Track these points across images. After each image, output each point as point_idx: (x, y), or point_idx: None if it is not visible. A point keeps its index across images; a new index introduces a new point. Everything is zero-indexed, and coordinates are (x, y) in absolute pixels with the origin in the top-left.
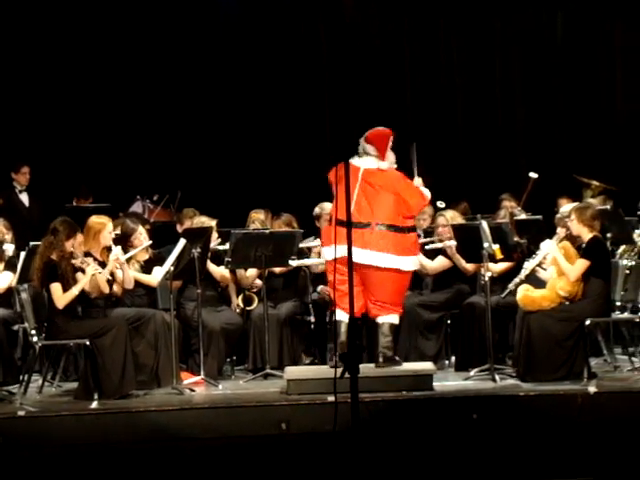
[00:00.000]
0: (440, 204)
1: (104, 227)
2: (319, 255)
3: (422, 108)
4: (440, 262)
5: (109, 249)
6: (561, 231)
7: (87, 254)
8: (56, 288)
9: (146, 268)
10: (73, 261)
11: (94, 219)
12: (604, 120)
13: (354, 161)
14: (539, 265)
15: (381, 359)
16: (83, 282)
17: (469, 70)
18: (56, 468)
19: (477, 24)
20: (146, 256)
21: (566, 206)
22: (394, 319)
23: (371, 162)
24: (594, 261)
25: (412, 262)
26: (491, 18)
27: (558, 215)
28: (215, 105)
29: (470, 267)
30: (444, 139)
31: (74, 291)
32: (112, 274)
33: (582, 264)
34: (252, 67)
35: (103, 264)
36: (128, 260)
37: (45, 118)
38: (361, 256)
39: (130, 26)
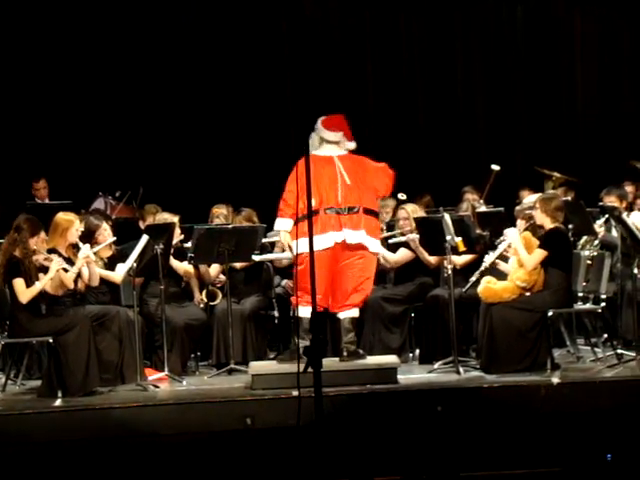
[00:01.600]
0: (401, 196)
1: (72, 224)
2: (283, 250)
3: (383, 101)
4: (402, 255)
5: (75, 246)
6: (520, 223)
7: (52, 251)
8: (19, 283)
9: (109, 265)
10: (35, 257)
11: (62, 216)
12: (565, 112)
13: (319, 152)
14: (501, 257)
15: (345, 353)
16: (47, 277)
17: (430, 63)
18: (20, 466)
19: (437, 17)
20: (109, 253)
21: (528, 197)
22: (355, 313)
23: (337, 149)
24: (553, 251)
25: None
26: (451, 11)
27: (518, 207)
28: (176, 101)
29: (433, 260)
30: (406, 132)
31: (37, 286)
32: (78, 270)
33: (539, 254)
34: (213, 62)
35: (69, 260)
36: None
37: (3, 116)
38: (356, 237)
39: (87, 23)
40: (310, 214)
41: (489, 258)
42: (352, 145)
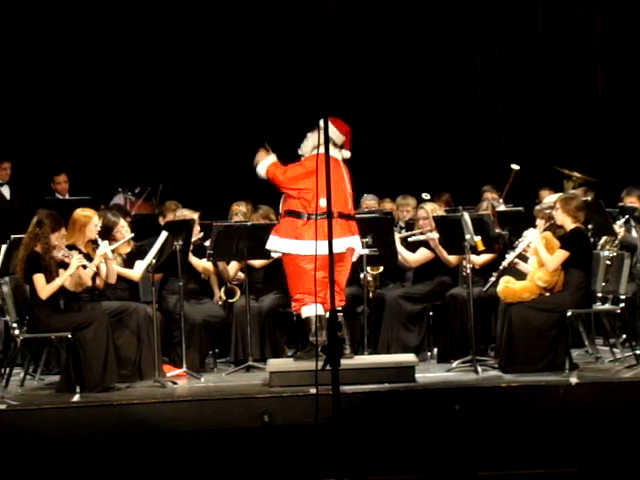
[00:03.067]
0: (425, 196)
1: (90, 220)
2: None
3: (403, 101)
4: (422, 254)
5: (94, 242)
6: (540, 222)
7: (71, 247)
8: (39, 278)
9: (128, 261)
10: (55, 253)
11: (80, 212)
12: (585, 111)
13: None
14: (520, 257)
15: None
16: (67, 273)
17: (449, 63)
18: (38, 462)
19: (457, 17)
20: (128, 249)
21: (549, 197)
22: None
23: (337, 153)
24: (574, 252)
25: None
26: (471, 10)
27: (537, 207)
28: (196, 98)
29: (453, 259)
30: (425, 131)
31: (57, 282)
32: (96, 267)
33: (561, 255)
34: (233, 60)
35: (87, 256)
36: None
37: (25, 112)
38: (355, 243)
39: (105, 19)
40: (330, 215)
41: (508, 258)
42: (348, 154)
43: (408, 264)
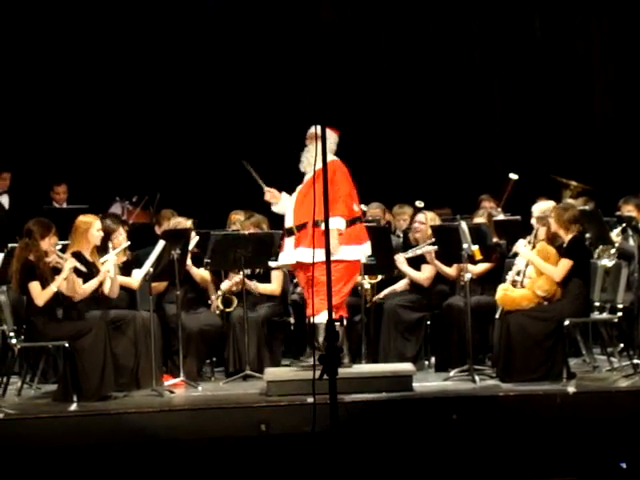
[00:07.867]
0: (419, 204)
1: (91, 225)
2: None
3: (400, 109)
4: (429, 270)
5: (98, 249)
6: (542, 230)
7: (77, 254)
8: (35, 286)
9: (124, 270)
10: (48, 259)
11: (81, 218)
12: (582, 120)
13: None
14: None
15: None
16: (61, 278)
17: (447, 72)
18: (35, 471)
19: (455, 26)
20: (124, 258)
21: (541, 203)
22: None
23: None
24: (576, 261)
25: None
26: (470, 19)
27: (538, 214)
28: (194, 107)
29: (453, 273)
30: (423, 140)
31: (52, 287)
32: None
33: (566, 264)
34: (230, 68)
35: (93, 265)
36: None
37: (24, 120)
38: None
39: (105, 26)
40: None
41: (520, 265)
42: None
43: (422, 284)
